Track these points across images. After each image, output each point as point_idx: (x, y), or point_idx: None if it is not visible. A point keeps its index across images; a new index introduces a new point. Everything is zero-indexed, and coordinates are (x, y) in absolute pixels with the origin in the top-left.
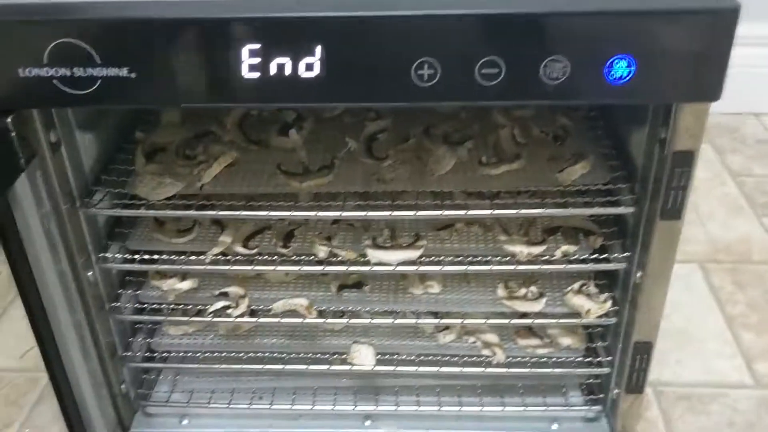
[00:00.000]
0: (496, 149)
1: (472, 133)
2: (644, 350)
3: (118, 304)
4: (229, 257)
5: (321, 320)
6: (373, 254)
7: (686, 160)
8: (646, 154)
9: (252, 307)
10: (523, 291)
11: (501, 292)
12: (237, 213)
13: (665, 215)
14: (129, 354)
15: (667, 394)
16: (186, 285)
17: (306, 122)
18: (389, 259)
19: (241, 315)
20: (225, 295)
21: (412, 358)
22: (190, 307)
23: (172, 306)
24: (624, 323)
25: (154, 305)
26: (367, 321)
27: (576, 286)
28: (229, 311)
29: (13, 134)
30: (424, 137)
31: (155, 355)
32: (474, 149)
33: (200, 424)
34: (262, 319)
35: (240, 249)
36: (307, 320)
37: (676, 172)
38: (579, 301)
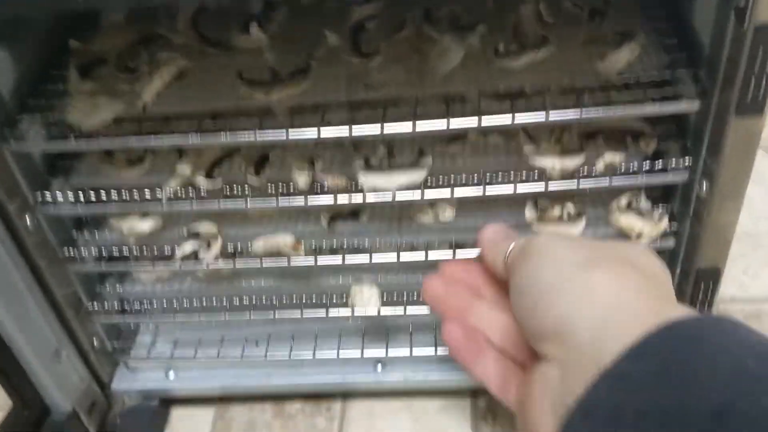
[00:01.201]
0: (517, 33)
1: (485, 14)
2: (710, 277)
3: (73, 254)
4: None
5: (310, 260)
6: (367, 180)
7: None
8: (715, 30)
9: (229, 246)
10: (557, 211)
11: (530, 213)
12: (184, 141)
13: (742, 110)
14: (95, 307)
15: (733, 311)
16: (147, 225)
17: (276, 13)
18: (386, 184)
19: (215, 259)
20: (196, 235)
21: None
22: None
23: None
24: (684, 245)
25: (117, 249)
26: (366, 260)
27: (623, 202)
28: (200, 256)
29: None
30: (423, 24)
31: (126, 306)
32: (488, 36)
33: (189, 376)
34: (239, 264)
35: (202, 181)
36: (294, 262)
37: (759, 52)
38: (627, 221)
